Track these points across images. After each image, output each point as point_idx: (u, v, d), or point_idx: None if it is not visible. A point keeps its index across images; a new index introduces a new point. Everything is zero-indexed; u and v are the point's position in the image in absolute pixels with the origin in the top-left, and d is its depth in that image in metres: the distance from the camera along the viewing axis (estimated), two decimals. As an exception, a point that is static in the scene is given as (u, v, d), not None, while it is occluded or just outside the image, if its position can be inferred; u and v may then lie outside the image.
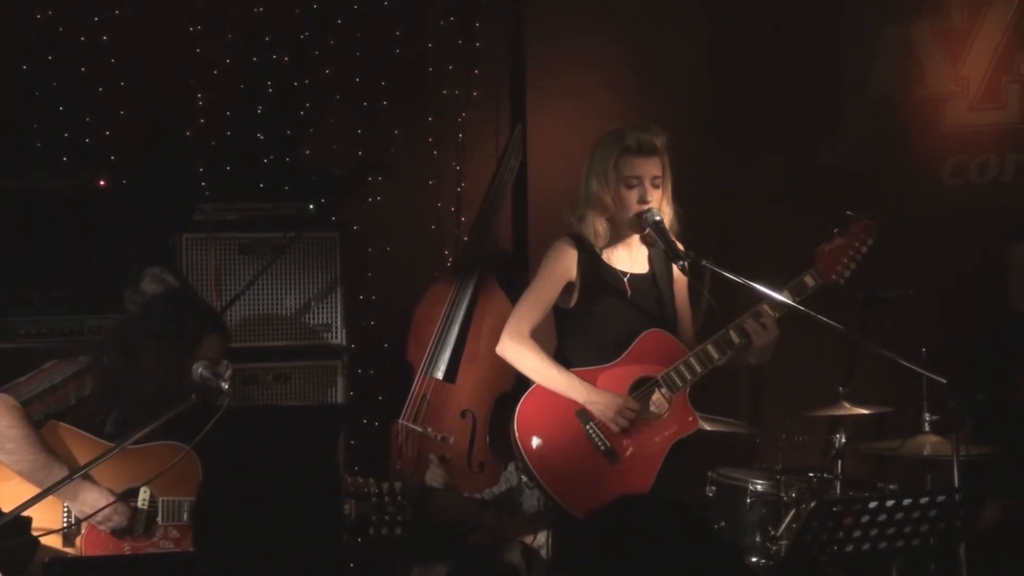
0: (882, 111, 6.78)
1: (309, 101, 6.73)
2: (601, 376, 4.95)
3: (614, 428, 4.89)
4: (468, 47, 7.02)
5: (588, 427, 4.90)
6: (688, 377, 4.92)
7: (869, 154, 6.81)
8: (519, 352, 4.98)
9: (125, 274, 5.56)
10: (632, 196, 4.94)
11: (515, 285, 6.65)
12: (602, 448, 4.90)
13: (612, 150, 4.96)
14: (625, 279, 5.03)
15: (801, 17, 6.80)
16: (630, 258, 5.08)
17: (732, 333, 4.92)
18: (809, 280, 4.98)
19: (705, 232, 5.27)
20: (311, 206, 6.26)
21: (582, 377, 4.93)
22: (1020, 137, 6.53)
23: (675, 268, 4.98)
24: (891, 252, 5.17)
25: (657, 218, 4.91)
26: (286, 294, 6.22)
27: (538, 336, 5.02)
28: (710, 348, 4.92)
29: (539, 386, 4.96)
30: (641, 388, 4.94)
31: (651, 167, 4.95)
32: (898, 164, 6.76)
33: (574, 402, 4.92)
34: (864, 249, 5.04)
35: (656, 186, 4.95)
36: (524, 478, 5.10)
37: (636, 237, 5.06)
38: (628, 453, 4.91)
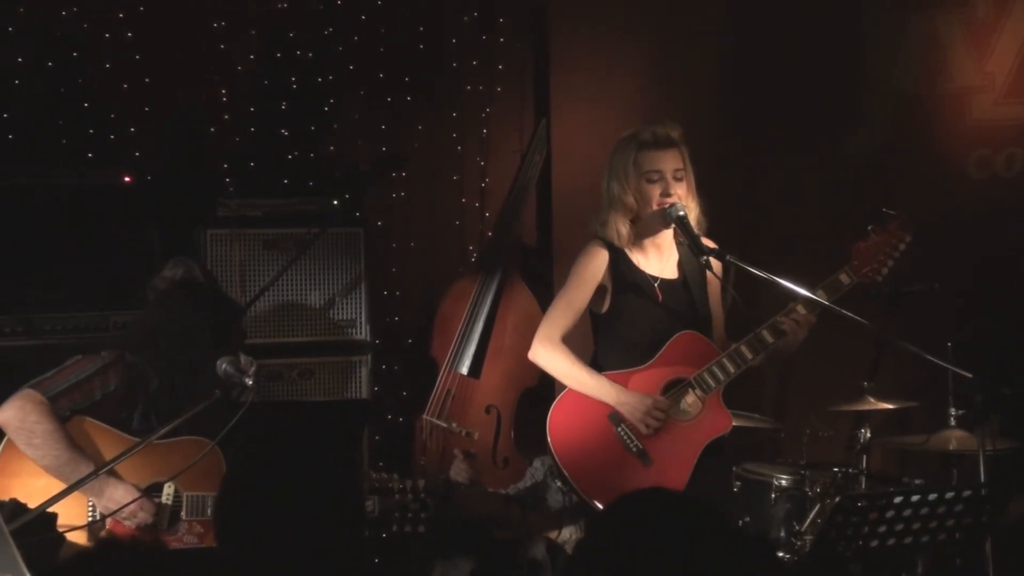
0: (906, 104, 6.75)
1: (332, 97, 6.73)
2: (633, 378, 4.94)
3: (644, 429, 4.87)
4: (492, 42, 7.01)
5: (620, 429, 4.89)
6: (721, 378, 4.89)
7: (893, 148, 6.78)
8: (550, 357, 4.98)
9: (149, 270, 5.57)
10: (655, 191, 4.92)
11: (539, 281, 6.65)
12: (634, 450, 4.88)
13: (629, 148, 4.95)
14: (656, 284, 5.01)
15: (825, 10, 6.77)
16: (660, 263, 5.06)
17: (766, 332, 4.89)
18: (844, 278, 4.95)
19: (731, 230, 5.25)
20: (335, 202, 6.26)
21: (614, 380, 4.92)
22: (1046, 132, 6.51)
23: (707, 271, 4.97)
24: (916, 246, 5.15)
25: (681, 213, 4.89)
26: (310, 290, 6.22)
27: (573, 340, 5.01)
28: (743, 348, 4.89)
29: (571, 390, 4.96)
30: (674, 390, 4.93)
31: (671, 160, 4.93)
32: (923, 158, 6.73)
33: (606, 405, 4.91)
34: (901, 247, 5.01)
35: (679, 179, 4.93)
36: (558, 481, 5.10)
37: (665, 241, 5.03)
38: (661, 454, 4.89)
